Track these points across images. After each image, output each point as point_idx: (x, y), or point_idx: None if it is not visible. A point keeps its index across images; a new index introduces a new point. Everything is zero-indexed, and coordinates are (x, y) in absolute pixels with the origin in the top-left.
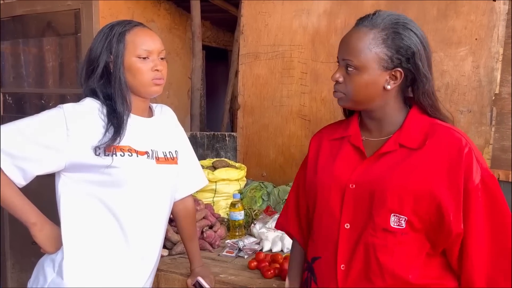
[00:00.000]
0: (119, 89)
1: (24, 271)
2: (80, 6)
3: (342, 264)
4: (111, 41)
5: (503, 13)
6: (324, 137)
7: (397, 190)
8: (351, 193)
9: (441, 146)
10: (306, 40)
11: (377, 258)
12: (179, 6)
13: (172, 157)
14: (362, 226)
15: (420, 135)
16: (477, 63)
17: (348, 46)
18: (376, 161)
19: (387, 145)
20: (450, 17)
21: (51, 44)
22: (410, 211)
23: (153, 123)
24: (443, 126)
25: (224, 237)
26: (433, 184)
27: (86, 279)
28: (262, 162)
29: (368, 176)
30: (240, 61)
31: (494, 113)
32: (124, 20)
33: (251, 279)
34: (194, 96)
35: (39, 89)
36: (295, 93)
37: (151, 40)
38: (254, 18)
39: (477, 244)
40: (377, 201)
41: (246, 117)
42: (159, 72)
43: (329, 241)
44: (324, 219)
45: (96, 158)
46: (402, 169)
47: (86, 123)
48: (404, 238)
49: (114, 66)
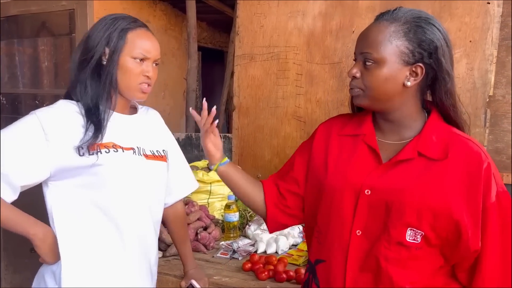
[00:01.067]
0: (109, 84)
1: (18, 272)
2: (75, 6)
3: (351, 272)
4: (111, 34)
5: (497, 15)
6: (333, 130)
7: (417, 204)
8: (365, 199)
9: (461, 160)
10: (301, 42)
11: (388, 271)
12: (175, 7)
13: (160, 155)
14: (375, 236)
15: (440, 145)
16: (471, 65)
17: (367, 39)
18: (393, 168)
19: (405, 152)
20: (445, 19)
21: (45, 44)
22: (428, 226)
23: (137, 120)
24: (462, 138)
25: (219, 239)
26: (453, 201)
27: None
28: (258, 163)
29: (385, 183)
30: (235, 62)
31: (488, 115)
32: (129, 16)
33: (245, 281)
34: (190, 97)
35: (33, 90)
36: (290, 95)
37: (151, 45)
38: (249, 20)
39: (491, 261)
40: (394, 213)
41: (241, 118)
42: (149, 79)
43: (338, 246)
44: (333, 222)
45: (81, 159)
46: (423, 182)
47: (64, 124)
48: (418, 253)
49: (109, 61)
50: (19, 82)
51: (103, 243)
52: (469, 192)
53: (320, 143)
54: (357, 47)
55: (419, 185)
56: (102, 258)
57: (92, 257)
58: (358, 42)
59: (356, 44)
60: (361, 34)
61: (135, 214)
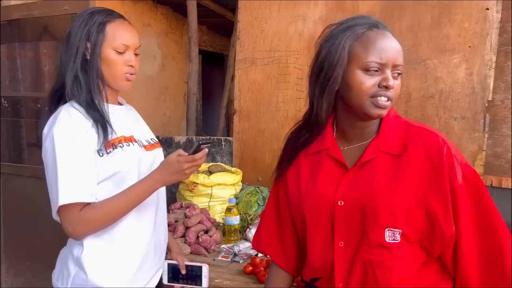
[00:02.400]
0: (96, 77)
1: (18, 275)
2: (77, 11)
3: (340, 283)
4: (90, 29)
5: (496, 21)
6: (302, 153)
7: (388, 203)
8: (340, 210)
9: (421, 150)
10: (302, 46)
11: (375, 275)
12: (175, 11)
13: (155, 142)
14: (356, 243)
15: (399, 140)
16: (470, 70)
17: (398, 52)
18: (359, 172)
19: (367, 153)
20: (444, 24)
21: (47, 48)
22: (403, 223)
23: (128, 112)
24: (418, 128)
25: (220, 242)
26: (420, 192)
27: (107, 271)
28: (258, 167)
29: (355, 190)
30: (236, 66)
31: (487, 120)
32: (104, 8)
33: (246, 284)
34: (191, 101)
35: (35, 93)
36: (291, 99)
37: (130, 35)
38: (250, 24)
39: (468, 243)
40: (369, 217)
41: (242, 122)
42: (132, 68)
43: (326, 261)
44: (317, 240)
45: (101, 159)
46: (388, 179)
47: (83, 132)
48: (400, 252)
49: (91, 55)
50: (21, 85)
51: (120, 229)
52: (434, 179)
53: (292, 171)
54: (389, 59)
55: (387, 185)
56: (120, 243)
57: (110, 242)
58: (390, 54)
59: (387, 56)
60: (388, 47)
61: (148, 200)
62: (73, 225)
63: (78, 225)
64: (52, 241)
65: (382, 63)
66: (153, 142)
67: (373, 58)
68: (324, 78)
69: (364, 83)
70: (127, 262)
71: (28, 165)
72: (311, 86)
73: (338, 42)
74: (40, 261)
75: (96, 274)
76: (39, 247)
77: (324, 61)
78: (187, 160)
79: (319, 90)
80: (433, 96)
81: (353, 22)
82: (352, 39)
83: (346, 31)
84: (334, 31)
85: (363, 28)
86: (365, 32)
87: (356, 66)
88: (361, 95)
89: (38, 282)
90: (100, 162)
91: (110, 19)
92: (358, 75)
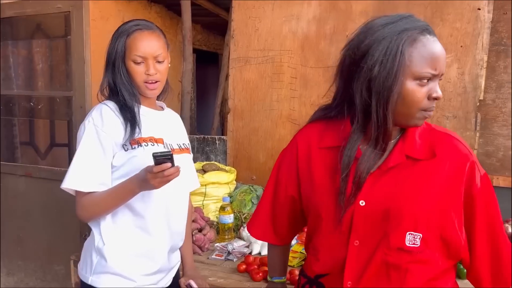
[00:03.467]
0: (125, 83)
1: (11, 275)
2: (70, 9)
3: (349, 281)
4: (116, 40)
5: (487, 21)
6: (312, 143)
7: (412, 207)
8: (361, 211)
9: (448, 157)
10: (295, 46)
11: (389, 277)
12: (169, 9)
13: (186, 147)
14: (374, 244)
15: (425, 145)
16: (462, 70)
17: (443, 60)
18: (384, 175)
19: (393, 158)
20: (436, 24)
21: (40, 46)
22: (424, 228)
23: (165, 116)
24: (443, 134)
25: (214, 241)
26: (442, 198)
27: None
28: (252, 166)
29: (379, 192)
30: (230, 65)
31: (479, 119)
32: (132, 20)
33: (240, 282)
34: (185, 100)
35: (29, 92)
36: (284, 98)
37: (147, 46)
38: (244, 23)
39: (482, 244)
40: (392, 219)
41: (236, 120)
42: (151, 76)
43: (337, 258)
44: (332, 238)
45: (125, 154)
46: (413, 184)
47: (112, 127)
48: (419, 257)
49: (119, 67)
50: (14, 83)
51: (136, 229)
52: (453, 184)
53: (303, 162)
54: (439, 67)
55: (412, 188)
56: (135, 240)
57: (128, 238)
58: (439, 62)
59: (437, 64)
60: (440, 56)
61: (169, 199)
62: (77, 208)
63: (79, 209)
64: (44, 240)
65: (435, 74)
66: (184, 147)
67: (428, 68)
68: (381, 86)
69: (417, 95)
70: (144, 253)
71: (21, 164)
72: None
73: (396, 46)
74: (32, 260)
75: (115, 261)
76: (31, 246)
77: (376, 65)
78: (148, 171)
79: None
80: None
81: (406, 23)
82: (408, 44)
83: (402, 34)
84: (386, 30)
85: (417, 32)
86: (419, 37)
87: (409, 74)
88: (412, 106)
89: (30, 281)
90: (123, 156)
91: (130, 32)
92: (411, 85)
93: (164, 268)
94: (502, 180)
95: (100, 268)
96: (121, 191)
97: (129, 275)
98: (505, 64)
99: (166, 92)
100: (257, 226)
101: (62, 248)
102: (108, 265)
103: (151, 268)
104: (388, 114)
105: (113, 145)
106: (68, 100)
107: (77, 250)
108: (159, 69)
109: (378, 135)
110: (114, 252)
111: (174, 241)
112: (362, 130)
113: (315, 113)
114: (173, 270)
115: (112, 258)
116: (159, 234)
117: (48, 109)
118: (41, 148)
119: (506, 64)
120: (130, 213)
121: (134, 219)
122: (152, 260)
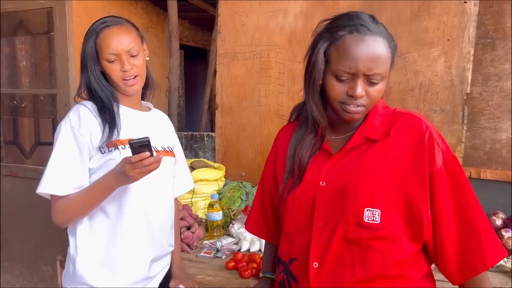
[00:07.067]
0: (100, 85)
1: None
2: (53, 5)
3: (315, 262)
4: (86, 42)
5: (474, 14)
6: (288, 139)
7: (368, 183)
8: (322, 191)
9: (403, 133)
10: (283, 40)
11: (352, 254)
12: (156, 5)
13: (170, 150)
14: (335, 222)
15: (384, 126)
16: (449, 63)
17: (372, 60)
18: (344, 157)
19: (352, 140)
20: (423, 18)
21: (23, 43)
22: (382, 203)
23: (149, 117)
24: (403, 113)
25: (202, 238)
26: (402, 174)
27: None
28: (241, 162)
29: (338, 172)
30: (217, 61)
31: (466, 112)
32: (100, 19)
33: (228, 279)
34: (172, 96)
35: (11, 90)
36: (272, 93)
37: (117, 42)
38: (231, 18)
39: (447, 227)
40: (349, 196)
41: (224, 117)
42: (127, 72)
43: (304, 240)
44: (299, 220)
45: (101, 156)
46: (370, 162)
47: (88, 128)
48: (380, 234)
49: (91, 66)
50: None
51: (111, 237)
52: (415, 162)
53: (280, 152)
54: (359, 69)
55: (368, 165)
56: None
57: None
58: (364, 62)
59: (360, 63)
60: (362, 55)
61: (148, 205)
62: (53, 214)
63: (55, 214)
64: (30, 241)
65: (351, 73)
66: (168, 150)
67: (342, 67)
68: (310, 77)
69: (334, 90)
70: (119, 263)
71: (6, 163)
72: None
73: (317, 44)
74: (19, 261)
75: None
76: (17, 247)
77: (309, 60)
78: (126, 162)
79: (306, 87)
80: (413, 89)
81: (338, 22)
82: (328, 43)
83: (326, 32)
84: (320, 29)
85: (344, 31)
86: (344, 36)
87: (329, 71)
88: (332, 99)
89: (17, 282)
90: (100, 159)
91: (98, 31)
92: (331, 80)
93: (143, 278)
94: (489, 173)
95: (74, 278)
96: (96, 189)
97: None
98: (491, 57)
99: (152, 88)
100: (251, 221)
101: (49, 248)
102: (78, 275)
103: (128, 279)
104: (314, 103)
105: (90, 148)
106: (52, 98)
107: (64, 250)
108: (134, 63)
109: (312, 122)
110: (85, 263)
111: (156, 249)
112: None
113: (291, 111)
114: (157, 278)
115: (82, 269)
116: (136, 242)
117: (32, 107)
118: (25, 147)
119: (493, 57)
120: (106, 219)
121: (110, 226)
122: (129, 270)
